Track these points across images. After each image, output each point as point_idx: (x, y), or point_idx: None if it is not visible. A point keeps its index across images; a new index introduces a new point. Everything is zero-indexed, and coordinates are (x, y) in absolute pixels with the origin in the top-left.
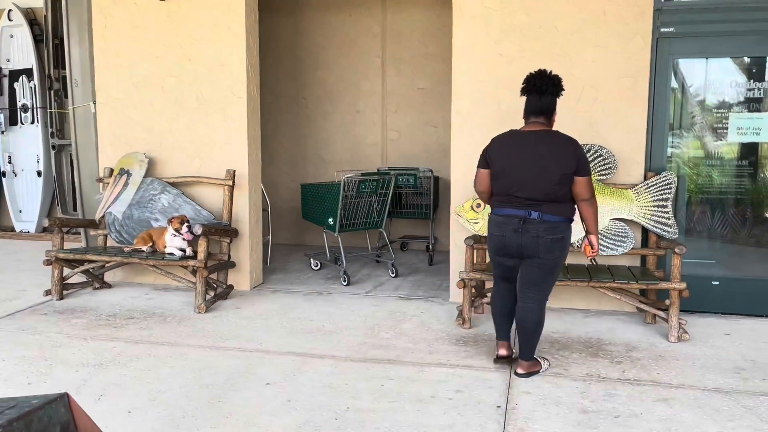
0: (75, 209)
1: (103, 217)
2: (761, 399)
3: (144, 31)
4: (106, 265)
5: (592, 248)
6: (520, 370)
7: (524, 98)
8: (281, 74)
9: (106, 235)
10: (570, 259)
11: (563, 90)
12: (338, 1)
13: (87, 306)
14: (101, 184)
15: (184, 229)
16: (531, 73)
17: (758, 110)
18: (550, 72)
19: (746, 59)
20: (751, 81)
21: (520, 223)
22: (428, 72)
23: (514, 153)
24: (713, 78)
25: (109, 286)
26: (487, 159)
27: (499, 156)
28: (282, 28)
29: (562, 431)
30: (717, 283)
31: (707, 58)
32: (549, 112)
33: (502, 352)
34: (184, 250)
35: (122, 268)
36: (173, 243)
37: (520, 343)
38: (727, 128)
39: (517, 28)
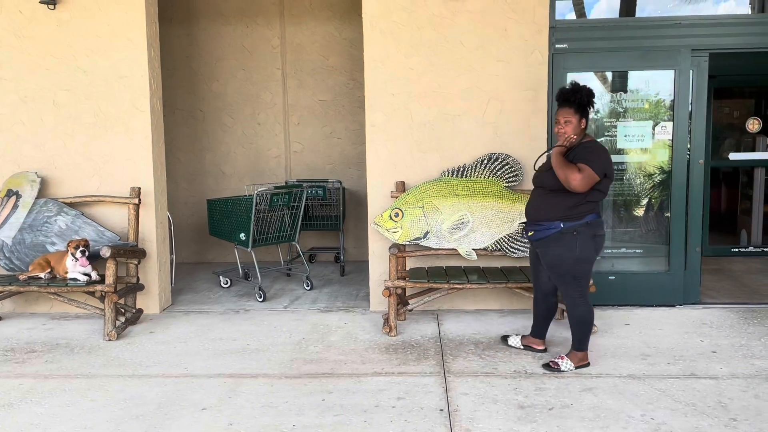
0: None
1: None
2: (671, 381)
3: (31, 42)
4: None
5: None
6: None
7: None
8: (176, 87)
9: None
10: (485, 262)
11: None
12: (234, 12)
13: None
14: None
15: (78, 254)
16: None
17: (642, 119)
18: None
19: (630, 73)
20: (635, 92)
21: None
22: (330, 84)
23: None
24: (602, 90)
25: None
26: (606, 168)
27: (610, 164)
28: (176, 39)
29: (505, 427)
30: (613, 278)
31: (596, 72)
32: None
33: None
34: (89, 275)
35: (11, 299)
36: (76, 268)
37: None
38: (616, 136)
39: (425, 43)
